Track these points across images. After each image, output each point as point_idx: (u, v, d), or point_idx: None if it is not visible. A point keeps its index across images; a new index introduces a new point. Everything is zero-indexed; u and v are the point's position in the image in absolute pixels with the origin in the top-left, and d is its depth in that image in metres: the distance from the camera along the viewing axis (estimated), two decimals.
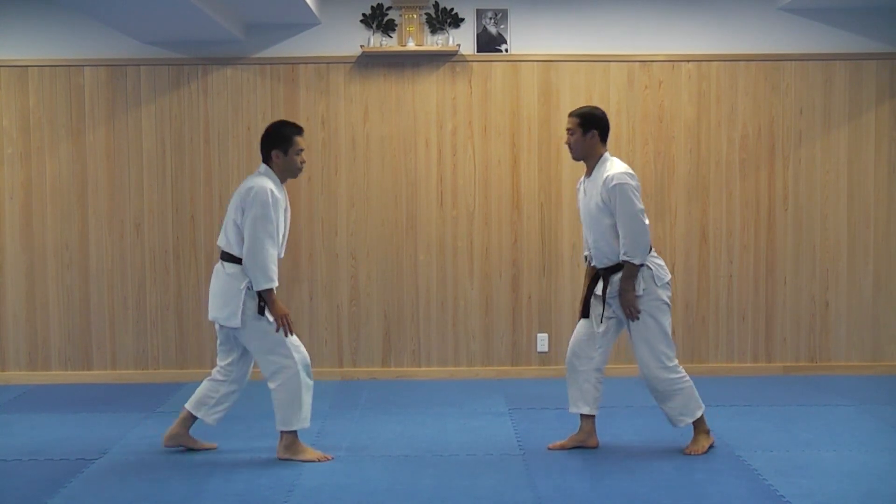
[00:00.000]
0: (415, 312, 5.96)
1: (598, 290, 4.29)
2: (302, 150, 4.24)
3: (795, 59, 5.92)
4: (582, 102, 5.88)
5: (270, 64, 5.89)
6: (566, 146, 4.36)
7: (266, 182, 4.15)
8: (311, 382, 4.24)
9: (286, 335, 4.15)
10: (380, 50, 5.80)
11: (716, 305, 5.99)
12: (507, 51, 5.90)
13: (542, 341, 5.97)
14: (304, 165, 4.29)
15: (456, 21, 5.87)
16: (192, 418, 4.35)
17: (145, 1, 4.80)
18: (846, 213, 5.97)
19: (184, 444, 4.39)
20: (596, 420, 4.38)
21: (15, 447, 4.50)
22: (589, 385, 4.32)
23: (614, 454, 4.29)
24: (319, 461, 4.20)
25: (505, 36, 5.90)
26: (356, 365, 5.97)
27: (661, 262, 4.28)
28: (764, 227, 5.97)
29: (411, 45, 5.80)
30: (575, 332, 4.41)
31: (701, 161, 5.94)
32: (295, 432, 4.24)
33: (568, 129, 4.30)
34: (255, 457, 4.30)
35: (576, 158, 4.35)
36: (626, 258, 4.15)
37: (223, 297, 4.18)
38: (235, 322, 4.14)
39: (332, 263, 5.95)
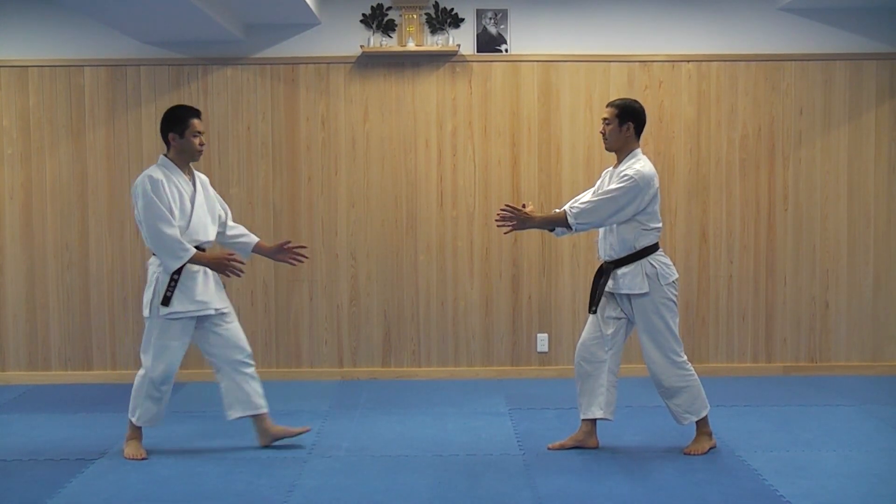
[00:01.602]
0: (415, 312, 5.96)
1: (609, 286, 4.27)
2: (200, 132, 4.28)
3: (795, 59, 5.92)
4: (582, 102, 5.90)
5: (270, 64, 5.89)
6: (601, 135, 4.35)
7: (148, 171, 4.22)
8: (157, 395, 4.27)
9: (235, 273, 4.20)
10: (380, 50, 5.80)
11: (716, 305, 5.99)
12: (507, 51, 5.90)
13: (542, 341, 5.97)
14: (203, 148, 4.32)
15: (456, 21, 5.87)
16: (261, 416, 4.40)
17: (145, 1, 4.80)
18: (846, 213, 5.97)
19: (277, 436, 4.42)
20: (597, 421, 4.37)
21: (15, 447, 4.50)
22: (602, 389, 4.28)
23: (614, 454, 4.29)
24: (130, 458, 4.26)
25: (505, 36, 5.90)
26: (356, 365, 5.97)
27: (668, 261, 4.28)
28: (764, 227, 5.97)
29: (411, 46, 5.80)
30: (583, 333, 4.39)
31: (701, 161, 5.94)
32: (133, 425, 4.31)
33: (604, 119, 4.28)
34: (255, 457, 4.30)
35: (608, 149, 4.34)
36: (569, 209, 4.15)
37: (144, 290, 4.32)
38: (146, 312, 4.24)
39: (332, 263, 5.95)
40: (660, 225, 4.29)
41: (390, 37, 5.86)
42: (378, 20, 5.84)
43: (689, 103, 5.93)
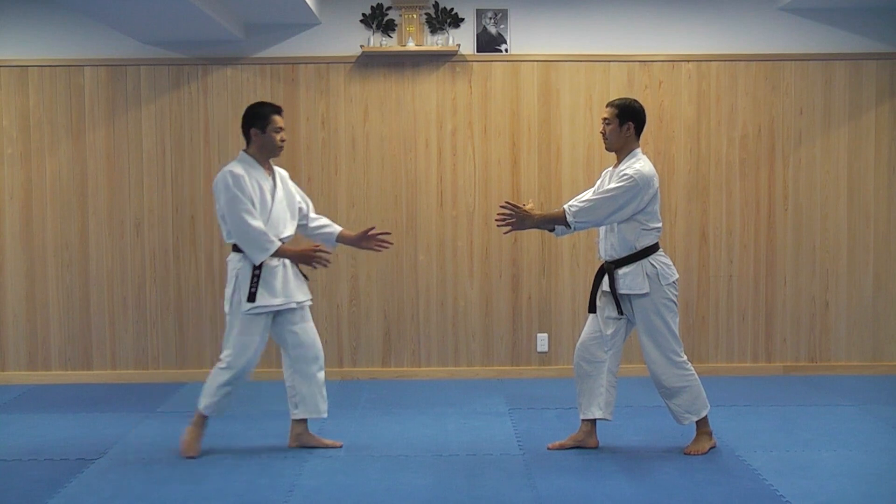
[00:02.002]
0: (415, 312, 5.96)
1: (605, 286, 4.27)
2: (281, 128, 4.29)
3: (795, 59, 5.92)
4: (582, 102, 5.90)
5: (270, 64, 5.89)
6: (601, 135, 4.34)
7: (228, 167, 4.23)
8: (232, 388, 4.29)
9: (321, 263, 4.30)
10: (380, 50, 5.80)
11: (716, 305, 5.99)
12: (507, 51, 5.90)
13: (542, 341, 5.97)
14: (283, 144, 4.33)
15: (456, 21, 5.87)
16: (306, 421, 4.42)
17: (145, 1, 4.80)
18: (846, 213, 5.97)
19: (308, 445, 4.42)
20: (597, 421, 4.37)
21: (15, 447, 4.50)
22: (601, 389, 4.28)
23: (614, 454, 4.29)
24: (184, 450, 4.28)
25: (505, 36, 5.90)
26: (356, 365, 5.97)
27: (669, 261, 4.27)
28: (764, 227, 5.97)
29: (411, 45, 5.80)
30: (582, 333, 4.38)
31: (701, 161, 5.94)
32: (202, 415, 4.33)
33: (604, 119, 4.28)
34: (255, 457, 4.30)
35: (609, 149, 4.34)
36: (568, 207, 4.15)
37: (225, 286, 4.32)
38: (227, 308, 4.26)
39: (333, 263, 5.93)
40: (660, 225, 4.29)
41: (390, 37, 5.86)
42: (378, 20, 5.84)
43: (689, 103, 5.93)
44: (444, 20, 5.85)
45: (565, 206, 4.19)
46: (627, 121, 4.24)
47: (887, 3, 5.76)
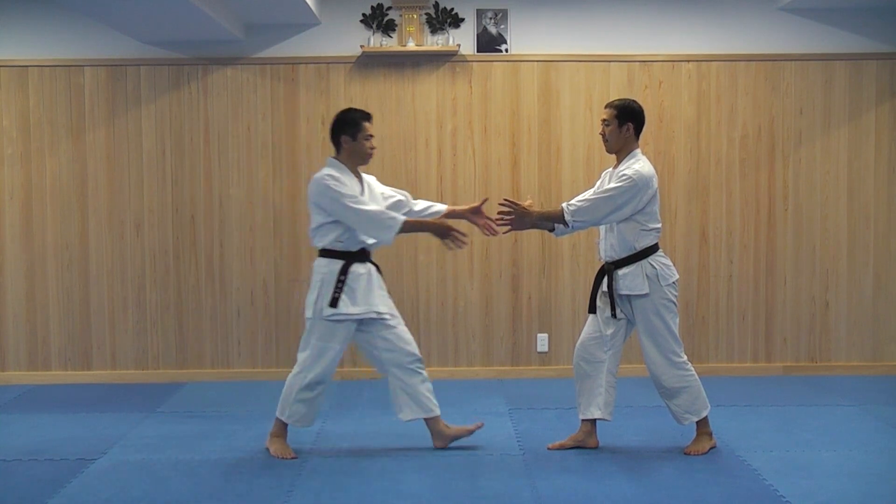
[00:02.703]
0: (415, 312, 5.96)
1: (605, 286, 4.27)
2: (371, 136, 4.26)
3: (795, 59, 5.92)
4: (582, 102, 5.90)
5: (270, 64, 5.89)
6: (600, 136, 4.33)
7: (322, 172, 4.20)
8: (309, 396, 4.25)
9: (457, 242, 4.23)
10: (380, 50, 5.80)
11: (716, 305, 5.99)
12: (507, 51, 5.90)
13: (542, 341, 5.97)
14: (373, 152, 4.30)
15: (456, 21, 5.87)
16: (435, 419, 4.38)
17: (145, 1, 4.80)
18: (846, 213, 5.97)
19: (455, 437, 4.40)
20: (597, 421, 4.37)
21: (15, 447, 4.50)
22: (601, 389, 4.28)
23: (614, 454, 4.29)
24: (276, 456, 4.25)
25: (505, 36, 5.90)
26: (356, 365, 5.97)
27: (668, 261, 4.27)
28: (764, 227, 5.97)
29: (411, 45, 5.80)
30: (582, 333, 4.38)
31: (701, 161, 5.94)
32: (281, 423, 4.30)
33: (604, 120, 4.27)
34: (255, 457, 4.30)
35: (609, 151, 4.33)
36: (566, 206, 4.13)
37: (309, 290, 4.27)
38: (308, 313, 4.22)
39: None
40: (659, 225, 4.28)
41: (390, 37, 5.86)
42: (378, 20, 5.84)
43: (689, 103, 5.93)
44: (444, 20, 5.85)
45: (564, 205, 4.18)
46: (627, 121, 4.23)
47: (887, 3, 5.76)
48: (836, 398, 5.35)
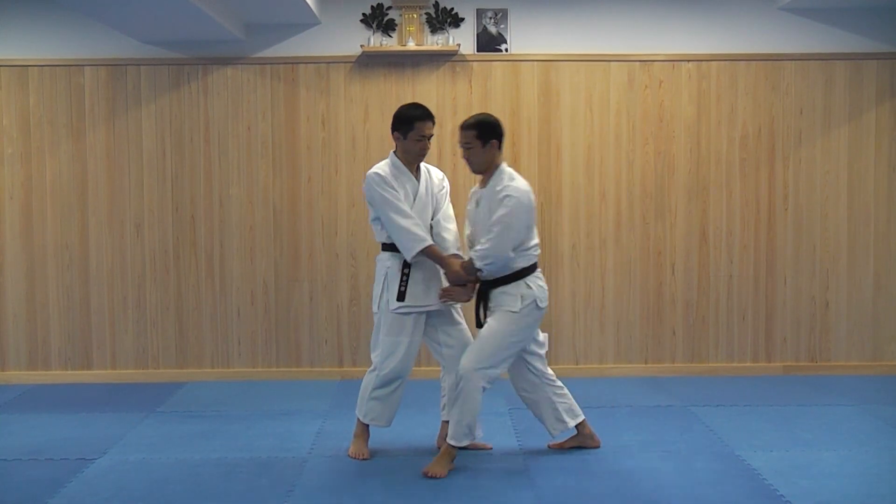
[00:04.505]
0: None
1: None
2: (424, 136, 4.12)
3: (795, 59, 5.93)
4: (582, 102, 5.90)
5: (270, 64, 5.89)
6: (464, 161, 4.15)
7: (374, 168, 4.19)
8: (384, 393, 4.22)
9: (456, 297, 4.11)
10: (380, 50, 5.80)
11: (716, 305, 5.99)
12: (507, 50, 5.90)
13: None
14: (425, 152, 4.18)
15: (456, 21, 5.87)
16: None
17: (145, 1, 4.80)
18: (846, 213, 5.97)
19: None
20: (587, 420, 4.35)
21: (15, 447, 4.50)
22: (553, 405, 4.20)
23: (614, 454, 4.29)
24: (353, 456, 4.23)
25: (505, 36, 5.90)
26: (356, 365, 5.97)
27: (544, 283, 4.12)
28: (764, 227, 5.97)
29: (411, 45, 5.80)
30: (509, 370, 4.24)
31: (701, 161, 5.94)
32: (361, 423, 4.32)
33: (465, 143, 4.07)
34: (255, 457, 4.30)
35: (476, 172, 4.15)
36: (473, 256, 3.99)
37: (374, 284, 4.27)
38: (375, 307, 4.22)
39: (332, 263, 5.95)
40: (537, 242, 4.13)
41: (390, 36, 5.86)
42: (378, 20, 5.84)
43: (689, 103, 5.93)
44: (444, 20, 5.85)
45: (471, 255, 4.03)
46: (490, 139, 4.06)
47: (887, 3, 5.76)
48: (836, 398, 5.35)
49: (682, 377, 5.89)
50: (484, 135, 4.07)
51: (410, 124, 4.14)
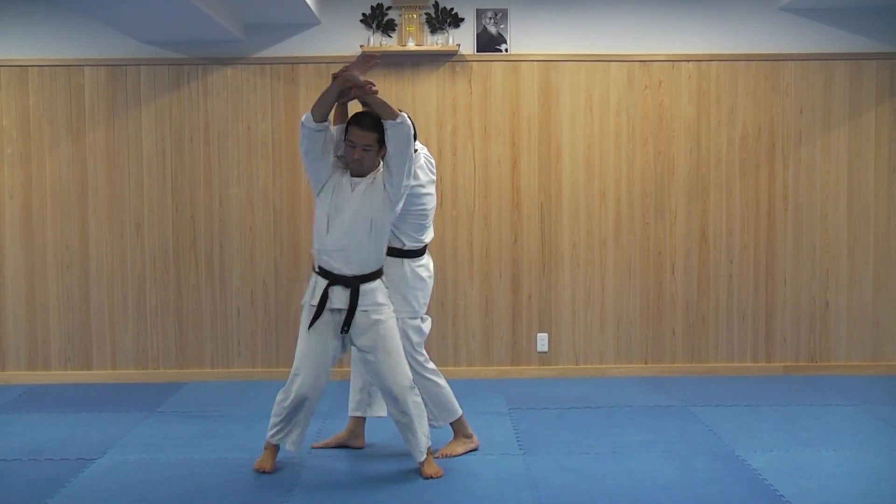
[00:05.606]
0: None
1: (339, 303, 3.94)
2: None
3: (795, 59, 5.93)
4: (582, 102, 5.90)
5: (270, 64, 5.89)
6: (357, 162, 3.88)
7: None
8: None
9: (358, 92, 3.89)
10: (380, 50, 5.79)
11: (716, 305, 5.99)
12: (507, 51, 5.90)
13: (542, 341, 5.97)
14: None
15: (456, 21, 5.87)
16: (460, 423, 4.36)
17: (145, 1, 4.80)
18: (846, 213, 5.97)
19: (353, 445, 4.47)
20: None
21: (15, 447, 4.50)
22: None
23: (614, 454, 4.29)
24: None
25: (505, 36, 5.89)
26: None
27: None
28: (764, 227, 5.97)
29: (411, 45, 5.80)
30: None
31: (701, 161, 5.94)
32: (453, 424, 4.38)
33: (365, 146, 3.84)
34: (254, 457, 4.29)
35: (363, 174, 3.92)
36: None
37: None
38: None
39: None
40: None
41: (390, 36, 5.86)
42: (378, 20, 5.84)
43: (689, 103, 5.93)
44: (444, 20, 5.85)
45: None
46: (384, 145, 3.87)
47: (887, 3, 5.76)
48: (835, 398, 5.35)
49: (682, 377, 5.90)
50: (383, 139, 3.87)
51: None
